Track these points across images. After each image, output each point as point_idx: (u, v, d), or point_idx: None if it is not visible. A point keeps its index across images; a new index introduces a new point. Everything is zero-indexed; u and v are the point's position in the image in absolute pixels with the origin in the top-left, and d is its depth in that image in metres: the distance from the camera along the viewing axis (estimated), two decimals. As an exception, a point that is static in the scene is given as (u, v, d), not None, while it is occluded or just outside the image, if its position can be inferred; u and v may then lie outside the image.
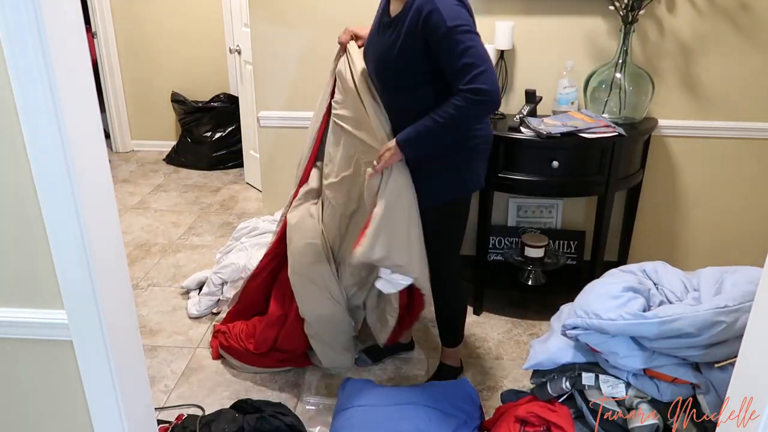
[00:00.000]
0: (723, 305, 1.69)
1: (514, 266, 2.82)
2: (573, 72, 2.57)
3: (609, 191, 2.46)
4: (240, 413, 2.03)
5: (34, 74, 1.05)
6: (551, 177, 2.42)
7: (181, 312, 2.78)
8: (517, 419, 1.88)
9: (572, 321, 1.80)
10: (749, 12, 2.50)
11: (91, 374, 1.30)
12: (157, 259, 3.26)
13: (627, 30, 2.43)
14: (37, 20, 1.02)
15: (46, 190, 1.14)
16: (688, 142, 2.72)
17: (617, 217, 2.83)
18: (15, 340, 1.30)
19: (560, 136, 2.33)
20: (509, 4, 2.59)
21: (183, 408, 2.19)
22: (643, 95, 2.49)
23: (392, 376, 2.39)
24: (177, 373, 2.38)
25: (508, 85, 2.71)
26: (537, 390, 1.95)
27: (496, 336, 2.62)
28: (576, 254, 2.90)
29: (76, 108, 1.12)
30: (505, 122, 2.55)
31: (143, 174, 4.54)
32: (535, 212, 2.92)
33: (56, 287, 1.23)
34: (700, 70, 2.61)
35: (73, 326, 1.25)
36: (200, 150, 4.62)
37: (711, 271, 1.94)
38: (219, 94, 4.65)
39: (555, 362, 1.87)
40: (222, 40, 4.53)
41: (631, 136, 2.42)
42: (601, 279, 1.98)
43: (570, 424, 1.80)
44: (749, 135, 2.68)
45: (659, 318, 1.67)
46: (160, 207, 3.96)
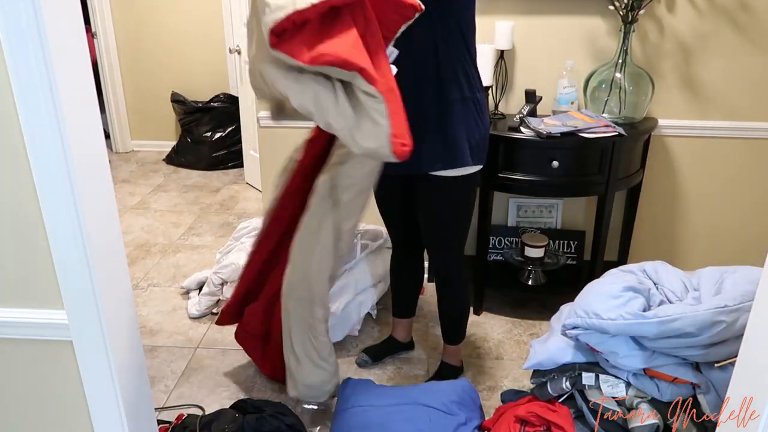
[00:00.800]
0: (723, 305, 1.69)
1: (514, 266, 2.82)
2: (573, 72, 2.57)
3: (609, 191, 2.46)
4: (240, 413, 2.03)
5: (34, 74, 1.05)
6: (551, 177, 2.42)
7: (181, 312, 2.78)
8: (517, 419, 1.89)
9: (572, 321, 1.80)
10: (749, 12, 2.50)
11: (91, 374, 1.30)
12: (157, 259, 3.26)
13: (627, 30, 2.43)
14: (37, 20, 1.02)
15: (46, 190, 1.14)
16: (688, 142, 2.72)
17: (617, 217, 2.84)
18: (15, 340, 1.30)
19: (560, 136, 2.33)
20: (509, 4, 2.59)
21: (183, 408, 2.20)
22: (643, 95, 2.49)
23: (392, 376, 2.39)
24: (177, 373, 2.38)
25: (508, 85, 2.71)
26: (537, 390, 1.95)
27: (496, 336, 2.63)
28: (576, 254, 2.90)
29: (76, 108, 1.12)
30: (505, 122, 2.55)
31: (143, 174, 4.54)
32: (535, 212, 2.92)
33: (56, 287, 1.23)
34: (700, 70, 2.61)
35: (73, 326, 1.25)
36: (200, 150, 4.63)
37: (711, 271, 1.94)
38: (219, 94, 4.65)
39: (555, 362, 1.87)
40: (222, 40, 4.53)
41: (631, 136, 2.42)
42: (601, 279, 1.98)
43: (570, 424, 1.80)
44: (749, 135, 2.68)
45: (659, 318, 1.67)
46: (160, 207, 3.96)
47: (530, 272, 2.77)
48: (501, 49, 2.60)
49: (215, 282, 2.70)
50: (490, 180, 2.48)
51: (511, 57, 2.68)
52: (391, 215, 2.21)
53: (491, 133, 2.39)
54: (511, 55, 2.67)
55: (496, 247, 2.92)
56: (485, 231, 2.62)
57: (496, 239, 2.92)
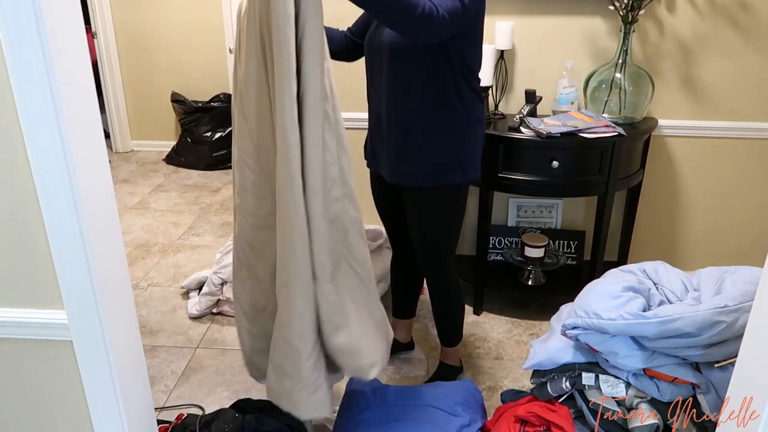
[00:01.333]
0: (723, 305, 1.69)
1: (514, 266, 2.82)
2: (573, 72, 2.57)
3: (609, 191, 2.46)
4: (240, 413, 2.03)
5: (34, 74, 1.05)
6: (551, 177, 2.42)
7: (181, 312, 2.78)
8: (517, 419, 1.88)
9: (572, 321, 1.80)
10: (749, 12, 2.50)
11: (91, 374, 1.30)
12: (157, 259, 3.26)
13: (627, 30, 2.43)
14: (37, 20, 1.02)
15: (46, 190, 1.14)
16: (688, 142, 2.72)
17: (617, 217, 2.84)
18: (15, 340, 1.30)
19: (560, 136, 2.33)
20: (509, 4, 2.59)
21: (183, 408, 2.20)
22: (643, 95, 2.49)
23: (392, 376, 2.39)
24: (177, 373, 2.38)
25: (508, 85, 2.71)
26: (537, 390, 1.95)
27: (496, 336, 2.63)
28: (576, 254, 2.90)
29: (76, 108, 1.12)
30: (505, 122, 2.55)
31: (143, 174, 4.54)
32: (535, 212, 2.92)
33: (56, 287, 1.23)
34: (700, 70, 2.61)
35: (73, 326, 1.25)
36: (200, 150, 4.63)
37: (711, 271, 1.94)
38: (219, 94, 4.65)
39: (555, 362, 1.87)
40: (222, 40, 4.53)
41: (631, 136, 2.42)
42: (601, 279, 1.98)
43: (570, 424, 1.80)
44: (749, 135, 2.68)
45: (659, 318, 1.67)
46: (160, 207, 3.96)
47: (530, 272, 2.77)
48: (501, 49, 2.60)
49: (215, 282, 2.70)
50: (490, 180, 2.48)
51: (511, 57, 2.68)
52: (387, 217, 2.21)
53: (492, 133, 2.41)
54: (511, 55, 2.67)
55: (496, 247, 2.92)
56: (485, 231, 2.62)
57: (496, 239, 2.92)
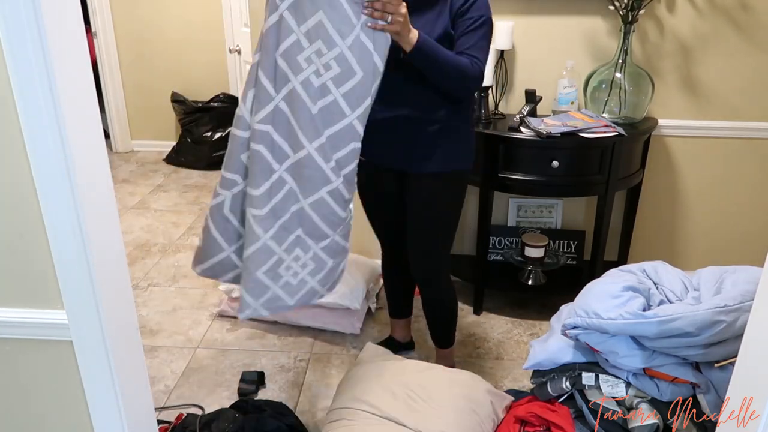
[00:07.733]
0: (723, 305, 1.69)
1: (514, 266, 2.82)
2: (573, 72, 2.57)
3: (609, 191, 2.46)
4: (240, 413, 2.03)
5: (34, 74, 1.05)
6: (551, 177, 2.42)
7: (181, 312, 2.78)
8: (517, 419, 1.89)
9: (572, 321, 1.80)
10: (749, 12, 2.50)
11: (91, 374, 1.30)
12: (157, 259, 3.26)
13: (627, 30, 2.43)
14: (37, 20, 1.02)
15: (46, 190, 1.14)
16: (688, 142, 2.72)
17: (617, 217, 2.84)
18: (15, 340, 1.30)
19: (560, 136, 2.33)
20: (509, 4, 2.59)
21: (183, 408, 2.20)
22: (643, 95, 2.49)
23: (392, 376, 2.39)
24: (177, 373, 2.38)
25: (508, 85, 2.71)
26: (537, 390, 1.95)
27: (496, 336, 2.63)
28: (576, 254, 2.90)
29: (76, 108, 1.12)
30: (505, 122, 2.55)
31: (143, 174, 4.54)
32: (535, 212, 2.92)
33: (56, 287, 1.23)
34: (700, 70, 2.61)
35: (73, 326, 1.25)
36: (200, 150, 4.63)
37: (711, 271, 1.94)
38: (219, 94, 4.65)
39: (555, 362, 1.87)
40: (222, 40, 4.53)
41: (631, 136, 2.42)
42: (601, 279, 1.98)
43: (570, 424, 1.80)
44: (749, 135, 2.68)
45: (659, 317, 1.67)
46: (160, 207, 3.96)
47: (530, 272, 2.77)
48: (501, 49, 2.60)
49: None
50: (490, 180, 2.48)
51: (511, 57, 2.68)
52: (382, 213, 2.18)
53: (492, 133, 2.42)
54: (511, 55, 2.67)
55: (496, 247, 2.92)
56: (485, 231, 2.62)
57: (496, 239, 2.92)
